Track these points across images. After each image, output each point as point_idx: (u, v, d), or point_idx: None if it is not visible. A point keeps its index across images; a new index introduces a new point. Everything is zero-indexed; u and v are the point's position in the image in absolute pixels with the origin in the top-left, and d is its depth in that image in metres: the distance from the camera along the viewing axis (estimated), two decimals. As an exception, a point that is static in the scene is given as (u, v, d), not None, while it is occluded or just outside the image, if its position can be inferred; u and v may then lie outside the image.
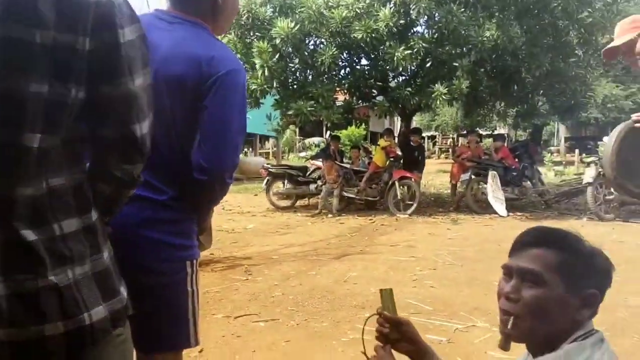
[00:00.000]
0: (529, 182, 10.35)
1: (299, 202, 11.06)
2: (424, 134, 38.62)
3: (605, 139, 9.62)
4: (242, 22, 9.53)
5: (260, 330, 3.64)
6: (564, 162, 22.88)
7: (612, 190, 8.67)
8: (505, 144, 11.51)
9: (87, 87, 0.96)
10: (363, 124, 16.67)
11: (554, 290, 1.13)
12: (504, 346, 1.21)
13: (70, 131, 0.97)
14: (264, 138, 27.26)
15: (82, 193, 1.02)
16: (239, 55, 9.73)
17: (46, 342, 0.93)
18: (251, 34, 9.88)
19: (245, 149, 27.06)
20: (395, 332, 1.43)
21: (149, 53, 1.08)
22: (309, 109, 9.26)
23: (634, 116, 2.84)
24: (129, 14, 1.01)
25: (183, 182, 1.55)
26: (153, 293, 1.50)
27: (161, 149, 1.47)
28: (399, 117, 12.91)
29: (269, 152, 28.99)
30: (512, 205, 9.80)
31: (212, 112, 1.50)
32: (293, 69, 10.32)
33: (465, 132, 16.90)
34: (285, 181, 10.67)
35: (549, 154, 25.58)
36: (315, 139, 29.40)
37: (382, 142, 10.67)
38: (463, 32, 8.78)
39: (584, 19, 9.08)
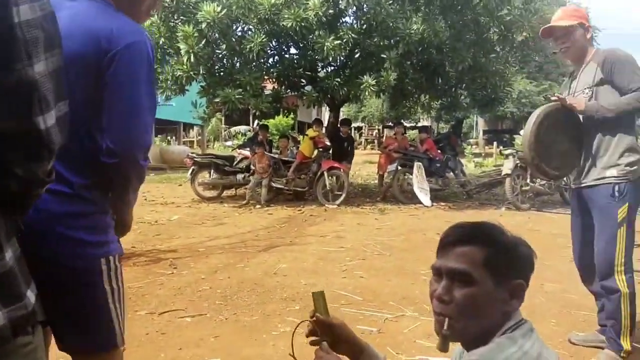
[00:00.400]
0: (451, 173, 10.73)
1: (226, 193, 10.83)
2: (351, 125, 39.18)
3: (521, 132, 10.15)
4: (166, 4, 9.12)
5: (186, 326, 3.48)
6: (483, 154, 24.02)
7: (528, 181, 9.16)
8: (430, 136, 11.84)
9: None
10: (291, 114, 16.56)
11: (483, 287, 1.13)
12: (443, 348, 1.18)
13: None
14: (189, 126, 26.51)
15: None
16: (162, 40, 9.33)
17: None
18: (175, 18, 9.48)
19: (169, 137, 26.18)
20: (329, 334, 1.38)
21: (59, 34, 0.93)
22: (236, 96, 9.04)
23: (553, 97, 2.95)
24: None
25: (93, 169, 1.42)
26: (69, 292, 1.40)
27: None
28: (327, 108, 12.93)
29: (193, 141, 28.26)
30: (436, 196, 10.11)
31: (115, 89, 1.38)
32: (220, 56, 10.03)
33: (390, 123, 17.24)
34: (212, 171, 10.40)
35: (469, 146, 26.78)
36: (242, 128, 28.99)
37: (310, 132, 10.64)
38: (391, 24, 8.88)
39: (503, 17, 9.47)
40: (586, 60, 2.98)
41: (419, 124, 24.73)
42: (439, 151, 10.70)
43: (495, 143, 25.35)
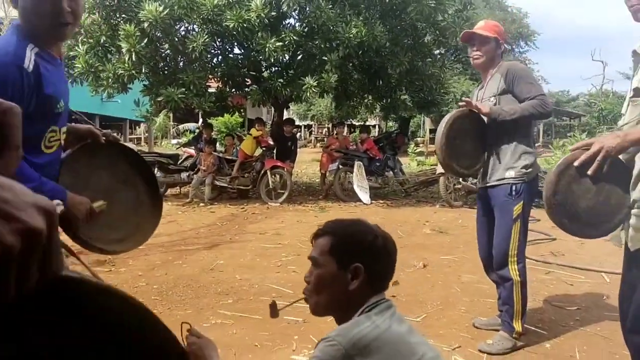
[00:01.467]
0: (391, 172, 11.16)
1: (170, 191, 10.86)
2: (300, 123, 39.29)
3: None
4: (107, 3, 9.09)
5: (121, 321, 3.63)
6: (426, 153, 24.77)
7: (460, 180, 9.68)
8: (374, 135, 12.23)
9: None
10: (239, 112, 16.64)
11: (328, 269, 1.45)
12: (272, 315, 1.74)
13: None
14: (135, 123, 26.04)
15: None
16: (103, 38, 9.27)
17: None
18: (117, 16, 9.44)
19: (115, 134, 25.62)
20: None
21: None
22: (179, 96, 9.10)
23: (461, 102, 3.29)
24: None
25: None
26: None
27: None
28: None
29: (140, 138, 27.77)
30: (376, 194, 10.51)
31: None
32: (163, 55, 10.05)
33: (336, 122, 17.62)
34: (156, 169, 10.40)
35: (415, 145, 27.52)
36: (190, 125, 28.71)
37: (254, 132, 10.81)
38: (331, 27, 9.17)
39: (438, 23, 9.95)
40: (491, 72, 3.35)
41: (367, 123, 25.23)
42: (379, 150, 11.11)
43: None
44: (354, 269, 1.44)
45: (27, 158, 1.68)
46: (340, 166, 10.30)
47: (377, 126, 35.99)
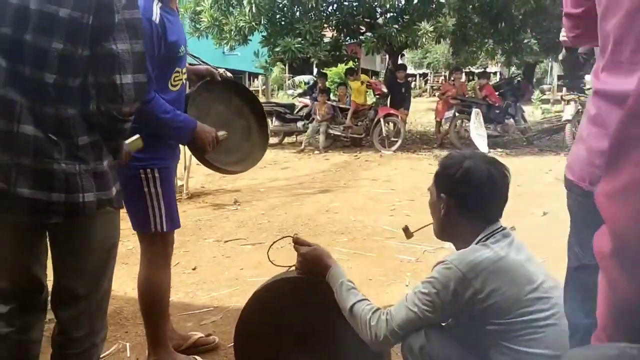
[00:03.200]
0: (511, 120, 10.62)
1: (287, 139, 11.31)
2: (415, 72, 38.22)
3: (587, 77, 9.83)
4: (229, -43, 9.42)
5: (247, 252, 4.00)
6: (552, 100, 23.08)
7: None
8: (495, 82, 11.66)
9: (90, 47, 1.39)
10: (353, 61, 16.60)
11: (432, 197, 1.62)
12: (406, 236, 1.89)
13: (82, 78, 1.42)
14: (253, 75, 27.01)
15: (89, 121, 1.46)
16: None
17: (52, 204, 1.43)
18: (238, -31, 9.77)
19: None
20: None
21: (141, 32, 1.46)
22: (296, 45, 9.32)
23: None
24: (125, 2, 1.42)
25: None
26: (126, 190, 1.83)
27: None
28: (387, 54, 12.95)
29: (258, 90, 28.84)
30: (494, 142, 10.12)
31: None
32: (281, 5, 10.28)
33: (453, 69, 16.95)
34: (274, 118, 10.85)
35: (541, 93, 25.67)
36: (305, 77, 29.17)
37: (353, 84, 10.82)
38: (450, -33, 8.76)
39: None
40: None
41: (488, 70, 23.95)
42: (500, 97, 10.59)
43: (564, 89, 24.17)
44: (442, 198, 1.56)
45: (158, 94, 1.96)
46: (457, 114, 10.01)
47: (498, 73, 34.02)
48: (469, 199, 1.52)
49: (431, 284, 1.46)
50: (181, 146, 2.25)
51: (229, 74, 2.36)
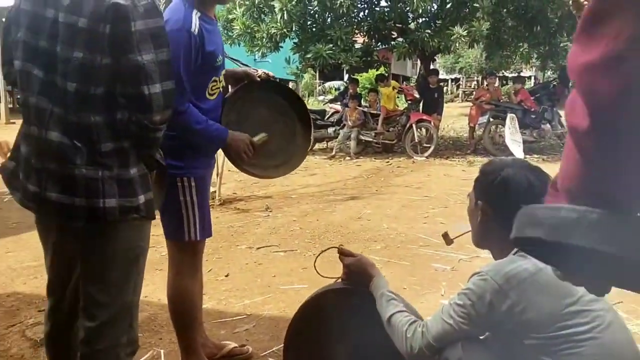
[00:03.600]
0: (548, 125, 10.37)
1: (317, 145, 11.29)
2: (447, 77, 37.89)
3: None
4: (261, -36, 9.50)
5: (279, 259, 3.98)
6: (588, 105, 22.44)
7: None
8: (528, 86, 11.42)
9: (111, 57, 1.43)
10: (384, 66, 16.55)
11: (470, 204, 1.57)
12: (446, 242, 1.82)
13: (106, 86, 1.45)
14: (284, 82, 27.21)
15: (114, 128, 1.49)
16: (258, -1, 9.76)
17: (75, 208, 1.48)
18: (270, -23, 9.84)
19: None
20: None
21: (165, 39, 1.48)
22: (327, 52, 9.33)
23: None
24: (143, 11, 1.44)
25: None
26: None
27: None
28: (419, 60, 12.86)
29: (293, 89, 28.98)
30: (530, 148, 9.89)
31: None
32: (312, 12, 10.31)
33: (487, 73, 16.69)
34: (306, 122, 10.84)
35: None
36: (335, 83, 29.21)
37: (384, 90, 10.74)
38: (484, -29, 8.63)
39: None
40: None
41: (521, 74, 23.51)
42: (535, 102, 10.35)
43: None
44: (479, 206, 1.52)
45: (194, 104, 1.96)
46: (491, 119, 9.83)
47: (532, 77, 33.39)
48: (506, 208, 1.46)
49: (466, 296, 1.41)
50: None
51: (270, 74, 2.31)
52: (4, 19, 1.60)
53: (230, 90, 2.25)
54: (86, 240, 1.55)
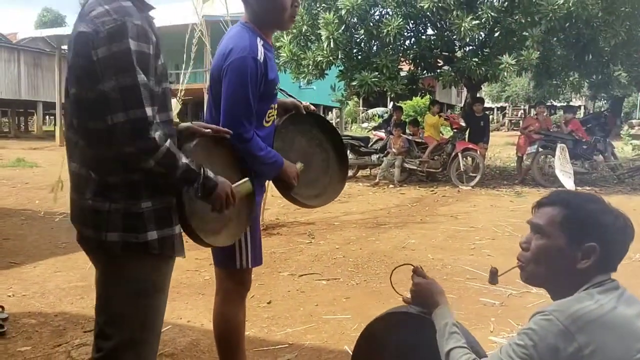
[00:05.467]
0: (600, 156, 10.01)
1: (360, 172, 11.25)
2: (493, 105, 37.36)
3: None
4: (309, -6, 9.68)
5: (322, 287, 3.92)
6: (643, 136, 21.62)
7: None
8: (579, 116, 11.11)
9: (80, 88, 1.42)
10: (428, 95, 16.47)
11: (555, 241, 1.37)
12: (491, 280, 1.68)
13: (100, 120, 1.40)
14: (327, 108, 27.44)
15: (118, 161, 1.43)
16: (305, 27, 9.92)
17: (87, 239, 1.52)
18: (317, 6, 10.02)
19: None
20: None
21: (131, 63, 1.36)
22: (372, 79, 9.36)
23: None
24: (106, 36, 1.35)
25: None
26: None
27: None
28: (464, 88, 12.73)
29: (332, 123, 29.22)
30: (582, 180, 9.54)
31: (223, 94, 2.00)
32: (358, 40, 10.40)
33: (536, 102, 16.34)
34: (348, 151, 10.86)
35: (629, 127, 24.18)
36: (379, 110, 29.28)
37: (429, 119, 10.65)
38: (534, 0, 8.51)
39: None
40: None
41: (571, 104, 22.93)
42: (587, 132, 10.03)
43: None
44: (588, 248, 1.33)
45: (254, 131, 1.96)
46: (540, 149, 9.57)
47: (582, 107, 32.51)
48: (614, 252, 1.37)
49: (528, 336, 1.31)
50: None
51: (312, 107, 2.36)
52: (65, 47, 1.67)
53: (277, 119, 2.28)
54: (98, 270, 1.55)
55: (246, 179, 1.82)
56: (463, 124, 10.24)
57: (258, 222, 2.13)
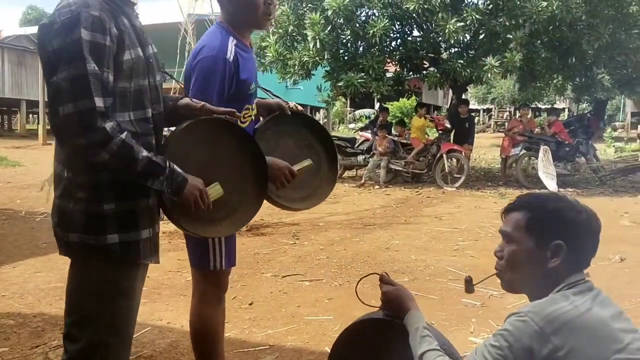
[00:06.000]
0: (583, 158, 10.14)
1: (347, 173, 11.26)
2: (479, 107, 37.62)
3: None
4: (295, -6, 9.68)
5: (305, 288, 3.92)
6: (626, 138, 21.95)
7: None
8: (563, 119, 11.23)
9: (49, 82, 1.37)
10: (414, 96, 16.54)
11: (524, 245, 1.38)
12: (467, 289, 1.64)
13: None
14: (315, 109, 27.44)
15: (78, 160, 1.41)
16: (291, 27, 9.91)
17: (57, 237, 1.50)
18: (303, 6, 10.01)
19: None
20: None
21: (81, 54, 1.33)
22: (358, 80, 9.37)
23: None
24: (60, 27, 1.33)
25: None
26: None
27: None
28: (450, 89, 12.81)
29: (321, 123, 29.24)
30: (564, 181, 9.65)
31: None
32: (344, 41, 10.40)
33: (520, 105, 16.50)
34: (335, 152, 10.83)
35: (612, 130, 24.48)
36: (366, 111, 29.35)
37: (415, 121, 10.72)
38: (518, 2, 8.60)
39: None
40: None
41: (555, 106, 23.18)
42: (570, 135, 10.15)
43: (641, 127, 22.94)
44: (555, 246, 1.34)
45: None
46: (524, 150, 9.67)
47: (566, 109, 32.87)
48: (582, 248, 1.37)
49: (503, 337, 1.31)
50: None
51: (299, 107, 2.31)
52: None
53: (261, 120, 2.24)
54: (69, 269, 1.52)
55: (216, 183, 1.68)
56: (448, 125, 10.31)
57: None
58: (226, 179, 1.72)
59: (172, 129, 1.70)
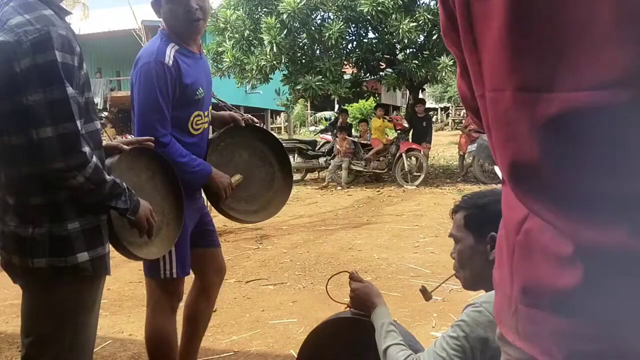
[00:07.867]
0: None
1: (309, 175, 11.30)
2: (436, 106, 38.26)
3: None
4: (250, -2, 9.66)
5: (269, 292, 3.92)
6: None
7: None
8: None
9: (6, 101, 1.32)
10: (373, 97, 16.71)
11: (466, 243, 1.46)
12: (425, 297, 1.73)
13: (19, 134, 1.33)
14: (275, 113, 27.40)
15: (38, 180, 1.35)
16: (247, 32, 9.89)
17: (13, 267, 1.43)
18: (259, 10, 10.00)
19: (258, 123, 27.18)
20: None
21: (58, 75, 1.30)
22: (316, 83, 9.42)
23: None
24: (29, 47, 1.27)
25: None
26: None
27: None
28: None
29: (280, 127, 29.19)
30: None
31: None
32: (301, 44, 10.44)
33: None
34: (296, 155, 10.87)
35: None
36: (327, 113, 29.46)
37: (375, 122, 10.87)
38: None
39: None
40: None
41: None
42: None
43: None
44: (490, 238, 1.40)
45: (177, 137, 1.97)
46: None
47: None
48: None
49: (460, 327, 1.37)
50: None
51: (255, 120, 2.33)
52: None
53: (215, 132, 2.25)
54: (26, 292, 1.47)
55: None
56: (406, 125, 10.47)
57: (187, 232, 2.09)
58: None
59: None
